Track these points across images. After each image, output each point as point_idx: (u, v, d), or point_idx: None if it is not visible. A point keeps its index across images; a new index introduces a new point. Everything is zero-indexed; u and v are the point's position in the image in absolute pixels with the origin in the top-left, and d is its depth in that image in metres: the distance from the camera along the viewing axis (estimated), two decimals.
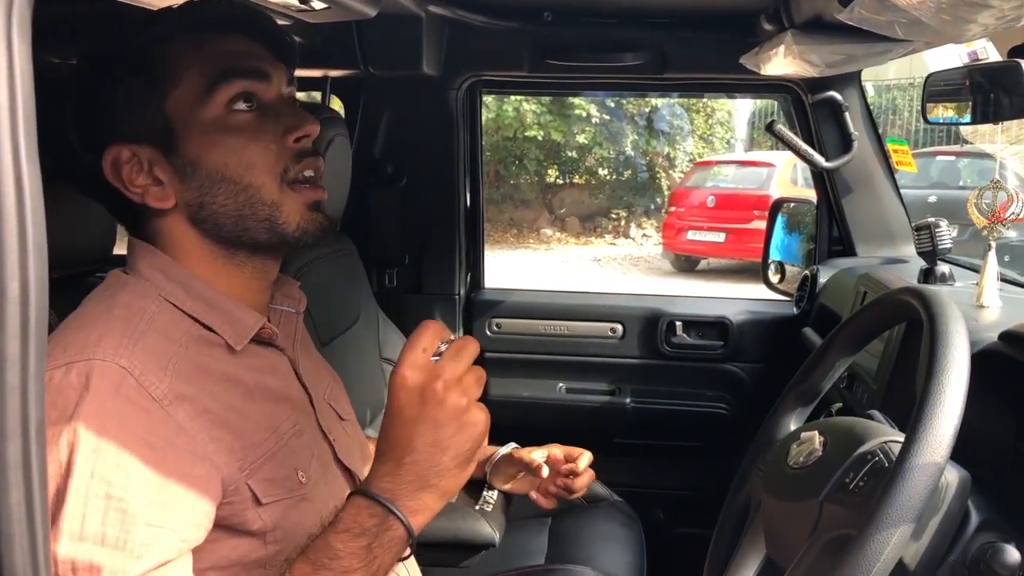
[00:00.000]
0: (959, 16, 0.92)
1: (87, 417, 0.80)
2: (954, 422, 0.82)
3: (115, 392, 0.82)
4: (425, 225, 2.35)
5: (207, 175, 0.94)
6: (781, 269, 2.45)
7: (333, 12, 1.39)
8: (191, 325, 0.94)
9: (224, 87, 0.94)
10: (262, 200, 0.95)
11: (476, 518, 1.47)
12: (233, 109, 0.94)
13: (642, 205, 13.14)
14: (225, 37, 0.97)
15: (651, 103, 12.53)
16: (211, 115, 0.94)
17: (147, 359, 0.85)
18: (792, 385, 1.21)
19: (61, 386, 0.81)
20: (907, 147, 2.25)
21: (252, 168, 0.95)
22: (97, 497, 0.79)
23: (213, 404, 0.89)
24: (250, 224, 0.96)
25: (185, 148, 0.94)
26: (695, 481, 2.36)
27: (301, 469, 0.98)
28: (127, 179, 0.94)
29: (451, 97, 2.25)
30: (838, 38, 1.53)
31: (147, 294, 0.94)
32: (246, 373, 0.96)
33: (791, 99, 2.19)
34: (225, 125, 0.94)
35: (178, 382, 0.87)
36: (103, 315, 0.89)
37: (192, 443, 0.85)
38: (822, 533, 0.93)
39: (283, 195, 0.97)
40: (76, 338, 0.86)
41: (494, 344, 2.41)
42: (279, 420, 0.98)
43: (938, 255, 1.67)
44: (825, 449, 1.01)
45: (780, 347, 2.28)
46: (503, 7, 1.98)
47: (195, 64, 0.94)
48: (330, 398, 1.15)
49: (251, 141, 0.95)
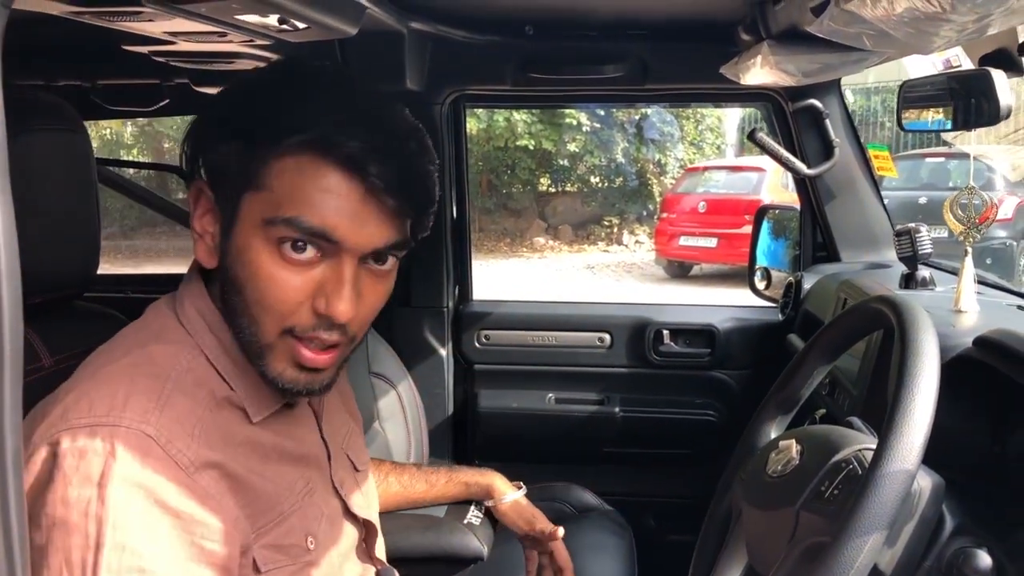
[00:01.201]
0: (922, 29, 0.94)
1: (114, 488, 0.78)
2: (924, 429, 0.84)
3: (142, 462, 0.80)
4: None
5: (233, 276, 0.91)
6: (767, 275, 2.46)
7: (314, 31, 1.40)
8: (218, 384, 0.92)
9: (279, 228, 0.87)
10: (256, 336, 0.91)
11: (464, 532, 1.48)
12: (281, 248, 0.88)
13: (634, 212, 13.18)
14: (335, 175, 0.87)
15: (641, 111, 12.58)
16: (260, 237, 0.88)
17: (173, 425, 0.84)
18: (772, 393, 1.23)
19: (85, 449, 0.80)
20: (888, 153, 2.26)
21: (259, 306, 0.90)
22: (129, 571, 0.78)
23: (236, 468, 0.88)
24: (243, 342, 0.92)
25: (234, 239, 0.90)
26: (685, 489, 2.37)
27: (311, 534, 0.97)
28: (198, 216, 0.93)
29: (435, 112, 2.26)
30: (814, 48, 1.54)
31: (182, 344, 0.92)
32: (266, 436, 0.95)
33: (772, 107, 2.21)
34: (265, 255, 0.88)
35: (204, 448, 0.85)
36: (130, 370, 0.87)
37: (220, 510, 0.85)
38: (799, 541, 0.94)
39: (279, 341, 0.91)
40: (102, 395, 0.84)
41: (483, 356, 2.42)
42: (293, 479, 0.97)
43: (919, 260, 1.68)
44: (802, 458, 1.02)
45: (767, 353, 2.30)
46: (485, 22, 1.99)
47: (282, 186, 0.87)
48: (347, 447, 1.14)
49: (275, 286, 0.88)
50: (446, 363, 2.40)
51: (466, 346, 2.42)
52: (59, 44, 1.84)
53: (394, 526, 1.35)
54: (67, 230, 1.07)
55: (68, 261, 1.09)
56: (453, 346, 2.42)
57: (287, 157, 0.87)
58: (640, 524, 2.19)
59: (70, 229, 1.08)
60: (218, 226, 0.92)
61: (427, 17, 1.88)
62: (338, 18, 1.39)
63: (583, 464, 2.40)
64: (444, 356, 2.40)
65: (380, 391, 2.10)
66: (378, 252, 0.92)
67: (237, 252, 0.90)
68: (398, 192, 0.89)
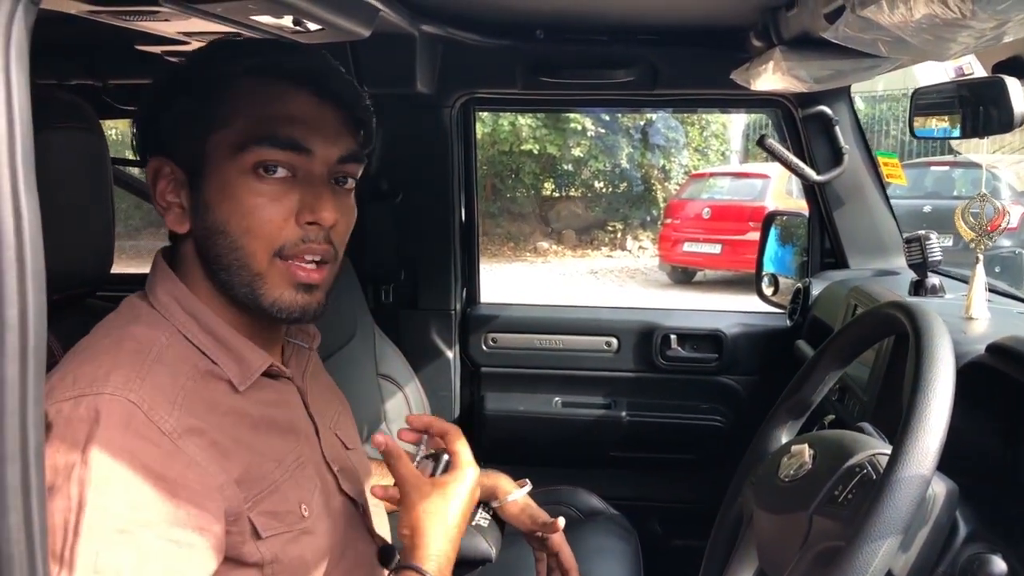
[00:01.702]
0: (940, 35, 0.94)
1: (97, 452, 0.80)
2: (940, 435, 0.84)
3: (125, 427, 0.82)
4: (420, 241, 2.37)
5: (212, 222, 0.94)
6: (774, 281, 2.46)
7: (327, 33, 1.40)
8: (199, 359, 0.94)
9: (253, 150, 0.93)
10: (249, 266, 0.95)
11: (472, 534, 1.48)
12: (257, 172, 0.93)
13: (638, 217, 13.17)
14: (290, 92, 0.96)
15: (646, 116, 12.58)
16: (235, 170, 0.93)
17: (156, 394, 0.86)
18: (783, 399, 1.23)
19: (70, 419, 0.82)
20: (897, 160, 2.27)
21: (248, 234, 0.94)
22: (111, 532, 0.79)
23: (221, 437, 0.90)
24: (235, 283, 0.96)
25: (206, 187, 0.95)
26: (691, 494, 2.37)
27: (304, 502, 0.98)
28: (160, 191, 0.97)
29: (445, 115, 2.27)
30: (826, 54, 1.54)
31: (158, 325, 0.94)
32: (253, 407, 0.97)
33: (782, 113, 2.21)
34: (243, 184, 0.93)
35: (187, 416, 0.87)
36: (113, 347, 0.90)
37: (203, 475, 0.86)
38: (812, 546, 0.94)
39: (271, 267, 0.95)
40: (85, 370, 0.86)
41: (490, 359, 2.42)
42: (284, 452, 0.99)
43: (928, 267, 1.68)
44: (815, 462, 1.02)
45: (774, 359, 2.30)
46: (495, 25, 2.00)
47: (245, 113, 0.94)
48: (336, 427, 1.15)
49: (259, 209, 0.93)
50: (453, 365, 2.40)
51: (473, 349, 2.42)
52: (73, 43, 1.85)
53: None
54: (83, 228, 1.08)
55: (84, 259, 1.09)
56: (460, 349, 2.43)
57: (244, 84, 0.94)
58: (646, 528, 2.19)
59: (86, 227, 1.08)
60: (183, 191, 0.96)
61: (438, 20, 1.89)
62: (351, 20, 1.39)
63: (589, 468, 2.40)
64: (451, 358, 2.40)
65: (387, 392, 2.10)
66: (342, 160, 0.99)
67: (214, 194, 0.94)
68: (348, 104, 1.00)
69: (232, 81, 0.95)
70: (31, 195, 0.63)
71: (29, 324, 0.62)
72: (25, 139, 0.62)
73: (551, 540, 1.41)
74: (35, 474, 0.63)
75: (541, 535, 1.40)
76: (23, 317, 0.62)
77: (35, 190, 0.63)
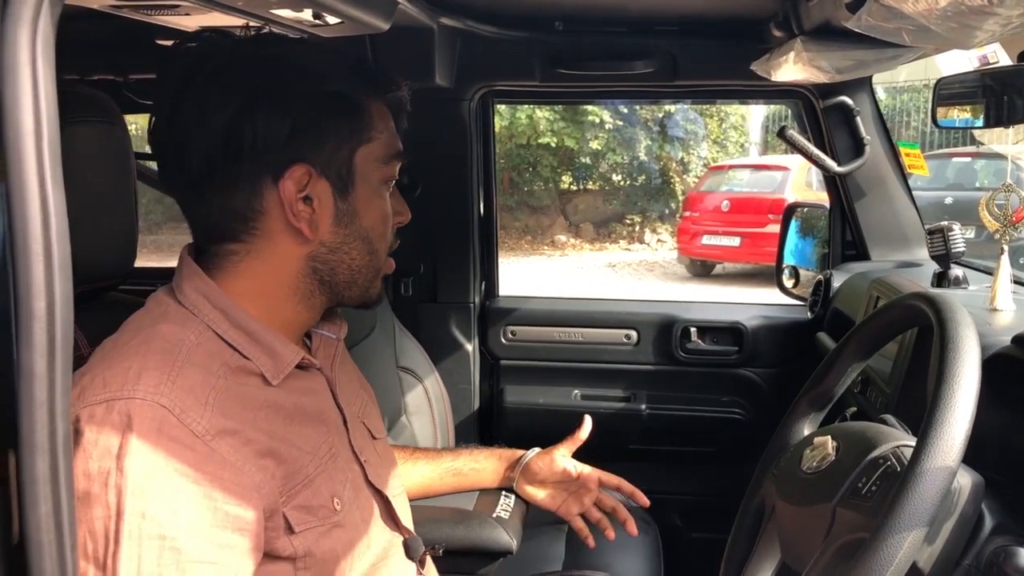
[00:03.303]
0: (966, 23, 0.93)
1: (132, 458, 0.81)
2: (965, 426, 0.83)
3: (158, 431, 0.82)
4: (440, 234, 2.37)
5: (357, 229, 1.02)
6: (795, 274, 2.45)
7: (346, 27, 1.41)
8: (230, 355, 0.94)
9: (393, 165, 1.06)
10: (375, 265, 1.06)
11: (493, 526, 1.48)
12: (386, 182, 1.06)
13: (656, 210, 13.13)
14: (395, 116, 1.08)
15: (664, 108, 12.53)
16: (378, 180, 1.04)
17: (186, 396, 0.86)
18: (805, 390, 1.22)
19: (103, 423, 0.82)
20: (919, 151, 2.25)
21: (382, 238, 1.06)
22: (150, 538, 0.80)
23: (255, 433, 0.90)
24: (358, 280, 1.05)
25: (354, 198, 1.01)
26: (711, 486, 2.36)
27: (336, 495, 0.99)
28: (292, 200, 0.95)
29: (464, 108, 2.27)
30: (847, 44, 1.53)
31: (187, 323, 0.94)
32: (285, 398, 0.97)
33: (802, 104, 2.20)
34: (381, 193, 1.05)
35: (219, 416, 0.87)
36: (142, 347, 0.89)
37: (239, 475, 0.86)
38: (836, 537, 0.94)
39: (384, 265, 1.08)
40: (115, 372, 0.86)
41: (509, 352, 2.43)
42: (317, 443, 0.99)
43: (952, 259, 1.67)
44: (838, 454, 1.02)
45: (795, 352, 2.29)
46: (514, 18, 1.99)
47: (383, 130, 1.04)
48: (363, 416, 1.16)
49: (389, 215, 1.07)
50: (472, 358, 2.41)
51: (492, 342, 2.42)
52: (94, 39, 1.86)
53: (424, 517, 1.35)
54: (107, 222, 1.08)
55: (108, 252, 1.10)
56: (479, 341, 2.43)
57: (376, 109, 1.04)
58: (666, 521, 2.19)
59: (110, 221, 1.09)
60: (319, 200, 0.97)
61: (457, 13, 1.89)
62: (371, 13, 1.40)
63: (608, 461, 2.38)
64: (470, 351, 2.40)
65: (407, 385, 2.11)
66: None
67: (363, 202, 1.02)
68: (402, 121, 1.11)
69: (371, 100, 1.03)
70: (58, 188, 0.63)
71: (57, 316, 0.63)
72: (52, 133, 0.63)
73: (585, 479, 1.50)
74: (63, 465, 0.64)
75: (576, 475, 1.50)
76: (50, 309, 0.63)
77: (61, 183, 0.64)
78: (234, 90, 0.95)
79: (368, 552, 1.04)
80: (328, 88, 0.99)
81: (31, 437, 0.62)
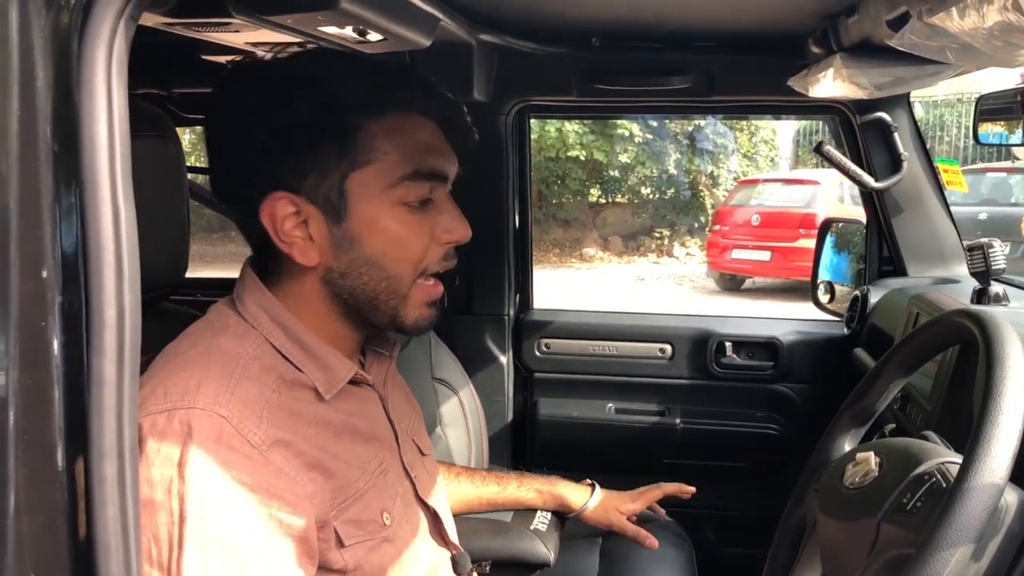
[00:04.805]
0: (1011, 42, 0.93)
1: (193, 466, 0.83)
2: (1013, 443, 0.83)
3: (217, 440, 0.85)
4: (475, 247, 2.37)
5: (361, 255, 0.97)
6: (831, 289, 2.44)
7: (389, 43, 1.42)
8: (285, 368, 0.96)
9: (411, 186, 0.97)
10: (398, 290, 1.00)
11: (531, 538, 1.49)
12: (405, 203, 0.98)
13: (685, 224, 13.10)
14: (417, 121, 0.99)
15: (694, 122, 12.51)
16: (386, 203, 0.97)
17: (244, 407, 0.88)
18: (846, 406, 1.22)
19: (164, 432, 0.84)
20: (957, 167, 2.24)
21: (402, 261, 0.99)
22: (213, 543, 0.82)
23: (307, 447, 0.92)
24: (379, 306, 1.00)
25: (351, 224, 0.96)
26: (746, 502, 2.35)
27: (386, 510, 1.00)
28: (280, 226, 0.95)
29: (500, 122, 2.29)
30: (887, 61, 1.53)
31: (246, 336, 0.96)
32: (335, 415, 0.98)
33: (839, 120, 2.19)
34: (394, 217, 0.97)
35: (273, 428, 0.89)
36: (202, 359, 0.91)
37: (293, 484, 0.88)
38: (880, 553, 0.94)
39: (414, 289, 1.01)
40: (176, 382, 0.88)
41: (543, 364, 2.43)
42: (367, 459, 1.00)
43: (992, 275, 1.66)
44: (881, 469, 1.01)
45: (831, 368, 2.28)
46: (552, 34, 2.01)
47: (389, 151, 0.96)
48: (412, 433, 1.17)
49: (411, 238, 0.99)
50: (506, 371, 2.42)
51: (526, 354, 2.44)
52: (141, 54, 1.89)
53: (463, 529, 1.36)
54: (161, 233, 1.11)
55: (161, 263, 1.12)
56: (513, 354, 2.44)
57: (381, 126, 0.96)
58: (700, 536, 2.19)
59: (164, 232, 1.12)
60: (314, 225, 0.95)
61: (496, 29, 1.91)
62: (413, 30, 1.42)
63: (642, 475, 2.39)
64: (504, 364, 2.41)
65: (442, 397, 2.12)
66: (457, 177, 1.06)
67: (362, 228, 0.96)
68: (460, 127, 1.05)
69: (363, 119, 0.95)
70: (128, 201, 0.66)
71: (126, 325, 0.65)
72: (124, 148, 0.65)
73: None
74: (130, 469, 0.66)
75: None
76: (120, 318, 0.65)
77: (132, 196, 0.66)
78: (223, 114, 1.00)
79: (417, 567, 1.06)
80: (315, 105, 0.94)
81: (100, 441, 0.64)
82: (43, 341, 0.62)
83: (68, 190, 0.63)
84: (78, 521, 0.65)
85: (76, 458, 0.64)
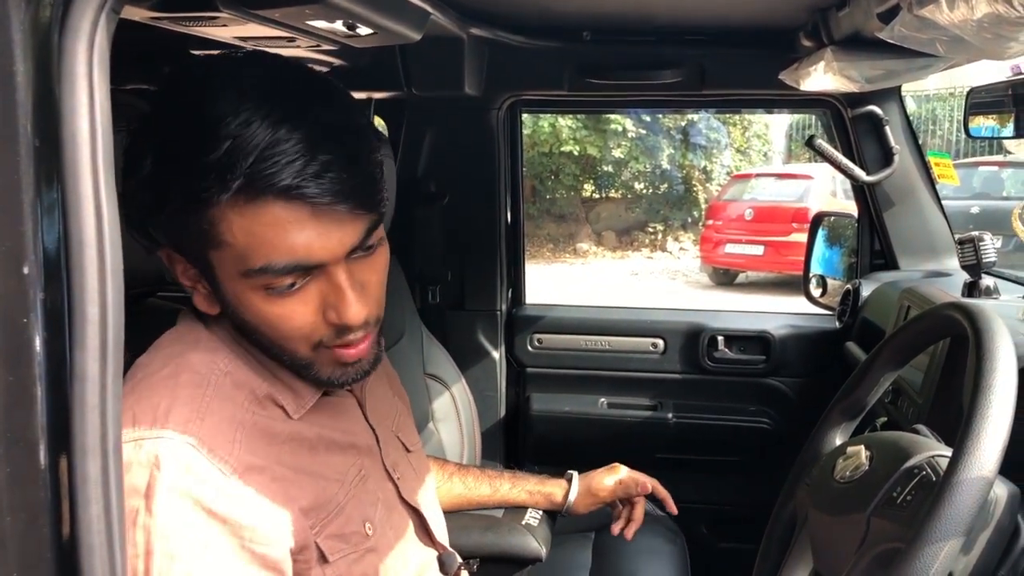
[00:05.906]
0: (1000, 34, 0.93)
1: (160, 498, 0.80)
2: (1002, 437, 0.83)
3: (185, 471, 0.81)
4: (467, 242, 2.39)
5: (242, 320, 0.89)
6: (823, 283, 2.44)
7: (379, 37, 1.42)
8: (258, 384, 0.92)
9: (256, 278, 0.84)
10: (294, 357, 0.91)
11: (523, 533, 1.49)
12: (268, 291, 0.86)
13: (679, 219, 13.11)
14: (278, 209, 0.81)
15: (687, 117, 12.51)
16: (245, 288, 0.86)
17: (215, 433, 0.85)
18: (837, 399, 1.22)
19: (130, 463, 0.80)
20: (949, 160, 2.24)
21: (282, 338, 0.89)
22: None
23: (282, 469, 0.89)
24: (284, 363, 0.93)
25: (224, 292, 0.88)
26: (738, 496, 2.35)
27: (368, 520, 0.98)
28: (178, 274, 0.91)
29: (492, 116, 2.28)
30: (878, 54, 1.53)
31: (218, 351, 0.92)
32: (309, 429, 0.95)
33: (831, 114, 2.19)
34: (259, 301, 0.86)
35: (247, 454, 0.86)
36: (169, 381, 0.87)
37: (268, 512, 0.85)
38: (870, 547, 0.94)
39: (316, 355, 0.91)
40: (144, 409, 0.84)
41: (535, 359, 2.43)
42: (345, 469, 0.98)
43: (982, 268, 1.66)
44: (872, 463, 1.01)
45: (823, 361, 2.28)
46: (543, 27, 2.01)
47: (237, 237, 0.82)
48: (397, 429, 1.15)
49: (284, 320, 0.87)
50: (499, 366, 2.42)
51: (519, 349, 2.43)
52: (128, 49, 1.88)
53: (454, 525, 1.36)
54: None
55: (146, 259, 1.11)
56: (506, 349, 2.44)
57: (225, 209, 0.81)
58: (692, 530, 2.19)
59: None
60: (204, 279, 0.89)
61: (487, 23, 1.90)
62: (403, 24, 1.41)
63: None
64: (497, 359, 2.41)
65: (434, 392, 2.12)
66: (356, 247, 0.87)
67: (235, 302, 0.88)
68: (346, 197, 0.83)
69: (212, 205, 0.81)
70: (111, 196, 0.65)
71: (109, 321, 0.64)
72: (106, 143, 0.64)
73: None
74: (114, 467, 0.66)
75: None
76: (103, 314, 0.64)
77: (115, 191, 0.65)
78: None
79: (404, 572, 1.04)
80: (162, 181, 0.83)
81: (83, 439, 0.64)
82: (25, 338, 0.61)
83: (49, 186, 0.62)
84: (62, 520, 0.64)
85: (59, 456, 0.63)
